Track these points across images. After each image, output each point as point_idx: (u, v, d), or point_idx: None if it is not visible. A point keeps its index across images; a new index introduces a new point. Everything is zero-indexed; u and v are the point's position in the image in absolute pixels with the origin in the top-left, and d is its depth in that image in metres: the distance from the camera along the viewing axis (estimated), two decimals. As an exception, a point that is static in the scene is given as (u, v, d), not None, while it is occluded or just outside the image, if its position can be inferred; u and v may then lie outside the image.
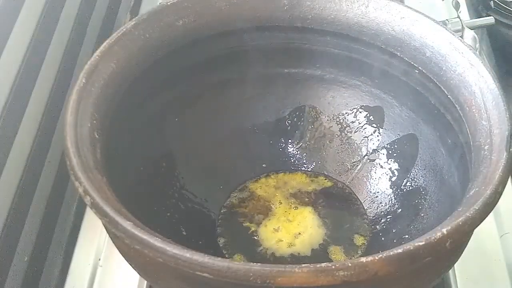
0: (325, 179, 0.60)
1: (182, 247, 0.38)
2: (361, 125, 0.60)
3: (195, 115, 0.58)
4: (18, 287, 0.56)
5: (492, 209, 0.42)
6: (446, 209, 0.52)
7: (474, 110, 0.48)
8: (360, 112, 0.60)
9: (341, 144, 0.60)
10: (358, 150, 0.60)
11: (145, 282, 0.58)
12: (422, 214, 0.54)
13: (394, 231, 0.55)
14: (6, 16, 0.57)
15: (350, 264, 0.37)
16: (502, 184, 0.42)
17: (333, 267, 0.37)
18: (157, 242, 0.39)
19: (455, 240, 0.40)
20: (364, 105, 0.59)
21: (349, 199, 0.58)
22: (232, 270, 0.37)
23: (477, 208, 0.41)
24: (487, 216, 0.41)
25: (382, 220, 0.56)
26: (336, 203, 0.58)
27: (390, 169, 0.58)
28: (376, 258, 0.38)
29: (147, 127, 0.55)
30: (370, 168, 0.59)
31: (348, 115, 0.60)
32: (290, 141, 0.61)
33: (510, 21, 0.81)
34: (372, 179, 0.58)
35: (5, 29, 0.57)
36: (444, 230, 0.39)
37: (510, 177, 0.44)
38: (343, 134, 0.60)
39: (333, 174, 0.60)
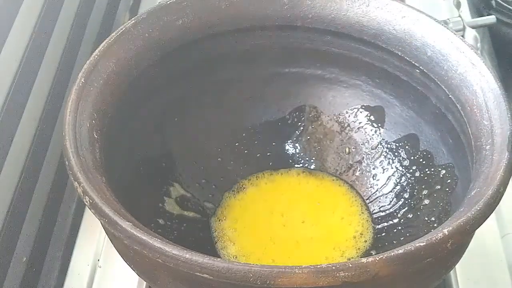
0: (326, 179, 0.59)
1: (181, 247, 0.38)
2: (362, 125, 0.59)
3: (195, 115, 0.58)
4: (17, 288, 0.56)
5: (494, 210, 0.42)
6: (447, 210, 0.52)
7: (475, 110, 0.48)
8: (361, 112, 0.59)
9: (341, 144, 0.60)
10: (359, 150, 0.59)
11: (144, 283, 0.58)
12: (423, 215, 0.53)
13: (394, 231, 0.55)
14: (4, 16, 0.57)
15: (350, 265, 0.37)
16: (503, 185, 0.42)
17: (334, 268, 0.37)
18: (156, 242, 0.39)
19: (456, 241, 0.40)
20: (365, 105, 0.59)
21: (350, 199, 0.58)
22: (232, 271, 0.37)
23: (478, 208, 0.40)
24: (488, 216, 0.41)
25: (383, 220, 0.56)
26: (336, 202, 0.58)
27: (391, 169, 0.58)
28: (377, 259, 0.38)
29: (146, 127, 0.55)
30: (371, 168, 0.58)
31: (348, 115, 0.60)
32: (290, 141, 0.61)
33: (511, 20, 0.81)
34: (373, 179, 0.58)
35: (4, 28, 0.57)
36: (445, 231, 0.39)
37: (511, 177, 0.44)
38: (343, 133, 0.60)
39: (333, 174, 0.60)
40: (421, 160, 0.56)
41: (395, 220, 0.55)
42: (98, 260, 0.60)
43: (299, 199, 0.58)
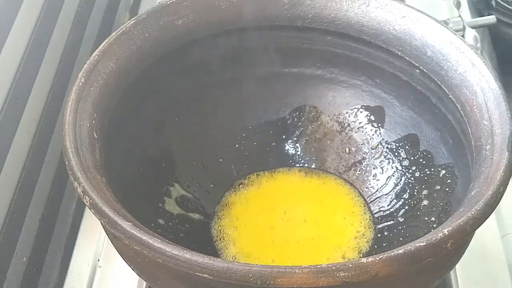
0: (328, 178, 0.59)
1: (181, 247, 0.38)
2: (362, 125, 0.59)
3: (195, 115, 0.58)
4: (17, 288, 0.56)
5: (494, 210, 0.42)
6: (447, 210, 0.52)
7: (475, 110, 0.48)
8: (361, 112, 0.59)
9: (341, 144, 0.60)
10: (359, 150, 0.59)
11: (144, 283, 0.58)
12: (423, 215, 0.53)
13: (395, 231, 0.55)
14: (4, 16, 0.57)
15: (350, 265, 0.37)
16: (503, 185, 0.42)
17: (334, 268, 0.37)
18: (156, 242, 0.39)
19: (456, 241, 0.40)
20: (365, 105, 0.59)
21: (350, 199, 0.58)
22: (232, 271, 0.37)
23: (478, 208, 0.40)
24: (488, 216, 0.41)
25: (383, 220, 0.56)
26: (336, 203, 0.58)
27: (391, 169, 0.58)
28: (377, 259, 0.38)
29: (146, 127, 0.55)
30: (371, 168, 0.58)
31: (348, 115, 0.60)
32: (290, 141, 0.61)
33: (511, 20, 0.81)
34: (373, 179, 0.58)
35: (4, 28, 0.57)
36: (445, 231, 0.39)
37: (511, 177, 0.44)
38: (343, 133, 0.60)
39: (333, 174, 0.60)
40: (421, 160, 0.56)
41: (395, 220, 0.55)
42: (98, 260, 0.60)
43: (301, 198, 0.58)
